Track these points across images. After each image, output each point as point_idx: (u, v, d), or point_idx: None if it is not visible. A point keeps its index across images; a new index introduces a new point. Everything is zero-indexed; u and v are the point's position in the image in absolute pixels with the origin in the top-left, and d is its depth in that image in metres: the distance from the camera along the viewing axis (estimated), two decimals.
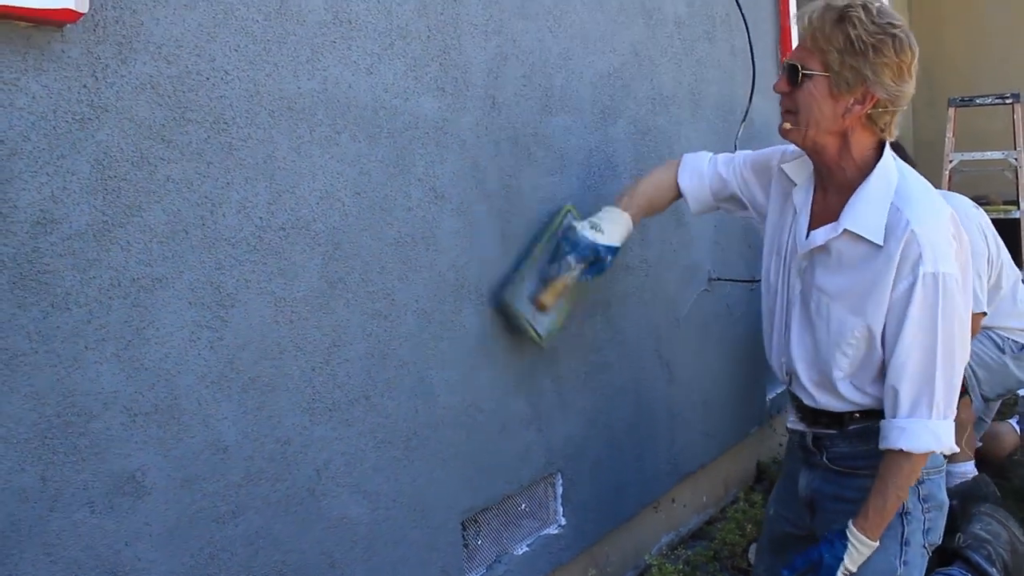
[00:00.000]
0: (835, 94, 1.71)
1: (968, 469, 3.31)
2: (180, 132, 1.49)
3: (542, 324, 2.20)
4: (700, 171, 2.18)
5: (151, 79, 1.45)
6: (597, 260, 2.12)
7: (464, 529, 2.12)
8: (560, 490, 2.44)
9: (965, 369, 1.77)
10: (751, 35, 3.31)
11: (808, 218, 1.86)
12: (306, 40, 1.69)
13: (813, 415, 1.88)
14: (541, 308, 2.16)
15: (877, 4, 1.71)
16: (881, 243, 1.69)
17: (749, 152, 2.16)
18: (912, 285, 1.66)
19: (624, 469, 2.70)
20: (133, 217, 1.42)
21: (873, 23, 1.67)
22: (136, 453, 1.44)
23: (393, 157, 1.87)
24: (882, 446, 1.72)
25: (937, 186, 5.03)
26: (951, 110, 5.61)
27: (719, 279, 3.20)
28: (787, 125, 1.79)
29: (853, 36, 1.66)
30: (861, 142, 1.77)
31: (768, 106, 3.76)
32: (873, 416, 1.78)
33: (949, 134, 5.58)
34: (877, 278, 1.70)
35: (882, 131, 1.76)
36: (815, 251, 1.81)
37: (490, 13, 2.14)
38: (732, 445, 3.41)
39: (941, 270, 1.65)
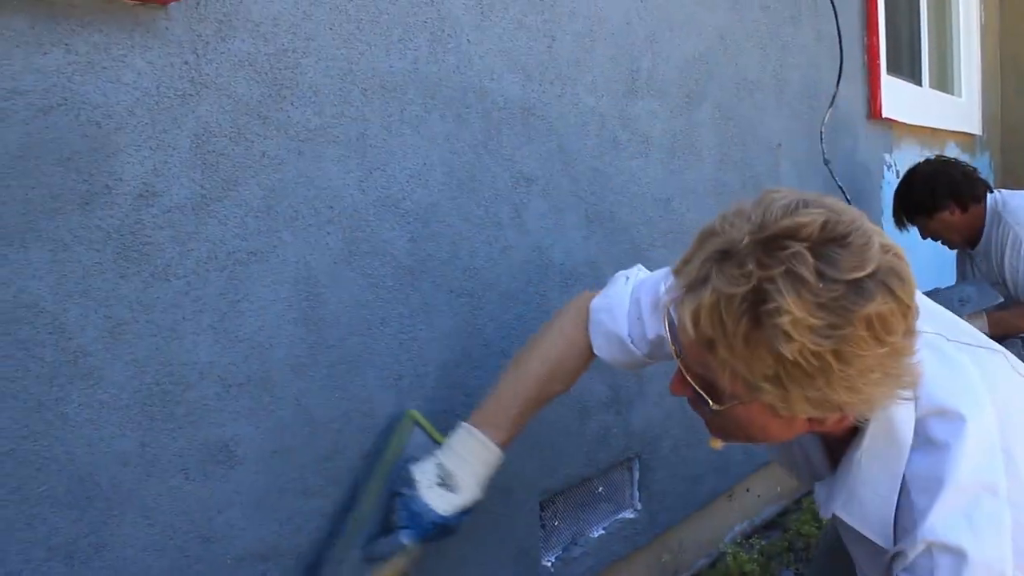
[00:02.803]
0: (786, 416, 1.03)
1: None
2: (276, 109, 1.51)
3: None
4: (619, 339, 1.50)
5: (249, 56, 1.47)
6: (446, 530, 1.54)
7: (542, 510, 2.13)
8: (637, 475, 2.44)
9: None
10: (839, 19, 3.26)
11: None
12: (398, 19, 1.70)
13: None
14: None
15: (817, 222, 0.94)
16: (889, 546, 1.13)
17: (650, 284, 1.50)
18: None
19: (700, 457, 2.68)
20: (230, 191, 1.45)
21: (820, 306, 0.90)
22: (229, 423, 1.47)
23: (482, 138, 1.88)
24: None
25: None
26: None
27: None
28: (717, 444, 1.20)
29: (789, 355, 0.91)
30: None
31: (854, 92, 3.70)
32: None
33: None
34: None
35: None
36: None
37: None
38: None
39: None
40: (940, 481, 1.05)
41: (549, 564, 2.13)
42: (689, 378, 1.10)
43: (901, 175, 3.93)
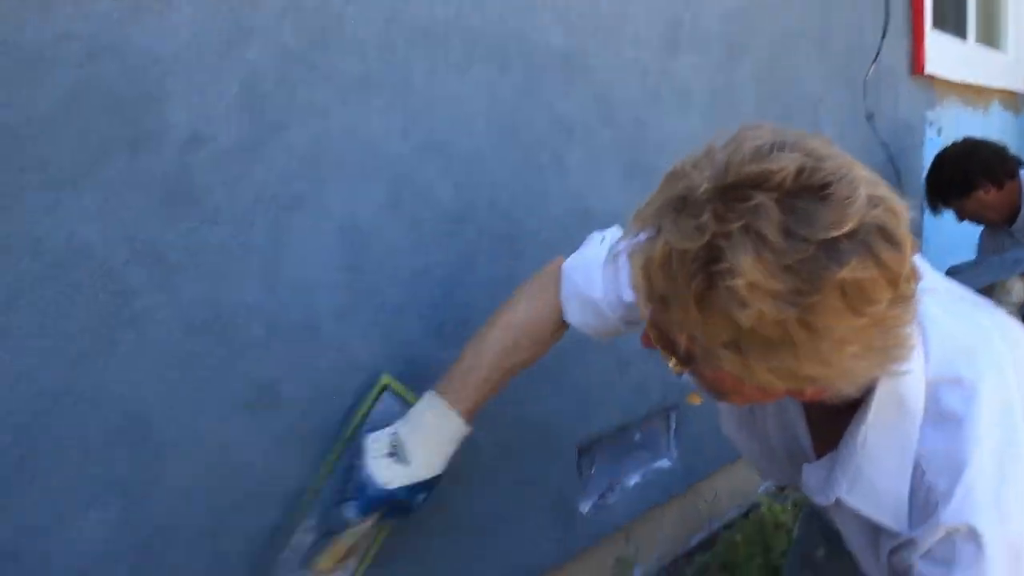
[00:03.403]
0: (761, 387, 0.91)
1: None
2: (321, 56, 1.52)
3: None
4: (592, 302, 1.39)
5: (294, 2, 1.47)
6: (399, 506, 1.40)
7: (579, 457, 2.15)
8: (674, 426, 2.45)
9: None
10: None
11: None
12: None
13: None
14: (319, 573, 1.46)
15: (791, 169, 0.81)
16: (904, 530, 1.00)
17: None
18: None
19: None
20: (276, 136, 1.46)
21: (786, 269, 0.79)
22: (274, 366, 1.49)
23: (523, 85, 1.88)
24: None
25: None
26: None
27: None
28: (696, 399, 1.12)
29: (745, 322, 0.81)
30: None
31: (896, 47, 3.64)
32: None
33: None
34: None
35: None
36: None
37: None
38: None
39: None
40: (961, 460, 0.95)
41: (585, 511, 2.16)
42: (652, 335, 0.97)
43: (942, 133, 3.88)
